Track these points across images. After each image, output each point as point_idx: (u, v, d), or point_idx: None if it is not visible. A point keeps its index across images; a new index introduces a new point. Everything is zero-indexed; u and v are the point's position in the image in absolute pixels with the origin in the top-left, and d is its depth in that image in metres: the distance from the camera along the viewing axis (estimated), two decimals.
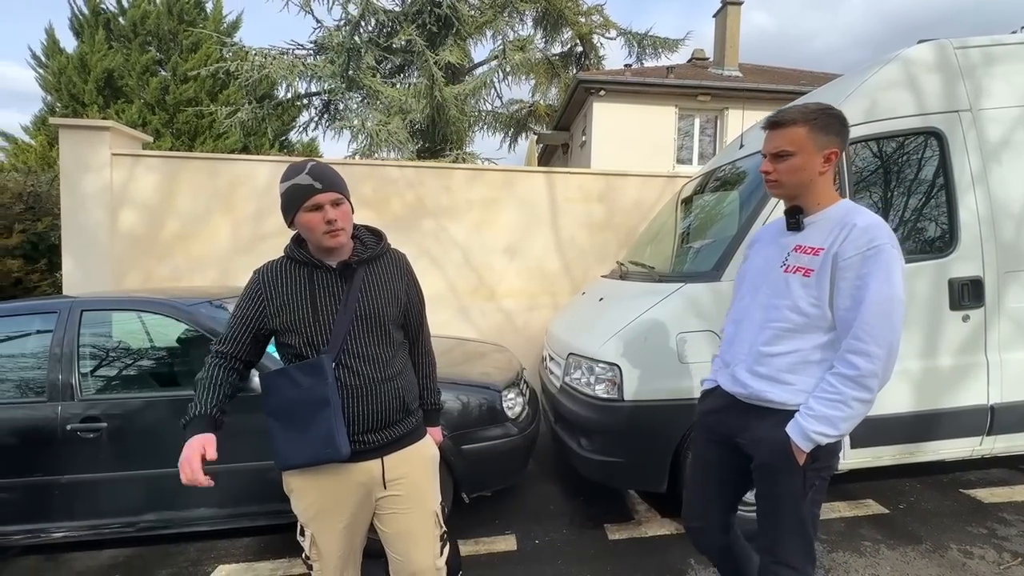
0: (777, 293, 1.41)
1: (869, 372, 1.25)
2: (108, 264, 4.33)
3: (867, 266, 1.26)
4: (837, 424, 1.28)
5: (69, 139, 4.28)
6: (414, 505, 1.49)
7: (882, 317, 1.26)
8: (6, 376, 2.58)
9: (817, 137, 1.34)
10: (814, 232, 1.38)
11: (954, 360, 2.52)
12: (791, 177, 1.37)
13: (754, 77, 10.70)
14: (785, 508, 1.39)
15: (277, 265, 1.42)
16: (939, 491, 2.99)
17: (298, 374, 1.35)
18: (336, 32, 10.46)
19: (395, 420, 1.45)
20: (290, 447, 1.35)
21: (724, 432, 1.54)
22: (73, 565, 2.62)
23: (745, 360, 1.46)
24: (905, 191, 2.58)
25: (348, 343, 1.37)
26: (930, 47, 2.61)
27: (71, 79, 12.52)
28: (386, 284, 1.47)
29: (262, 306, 1.38)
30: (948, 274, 2.50)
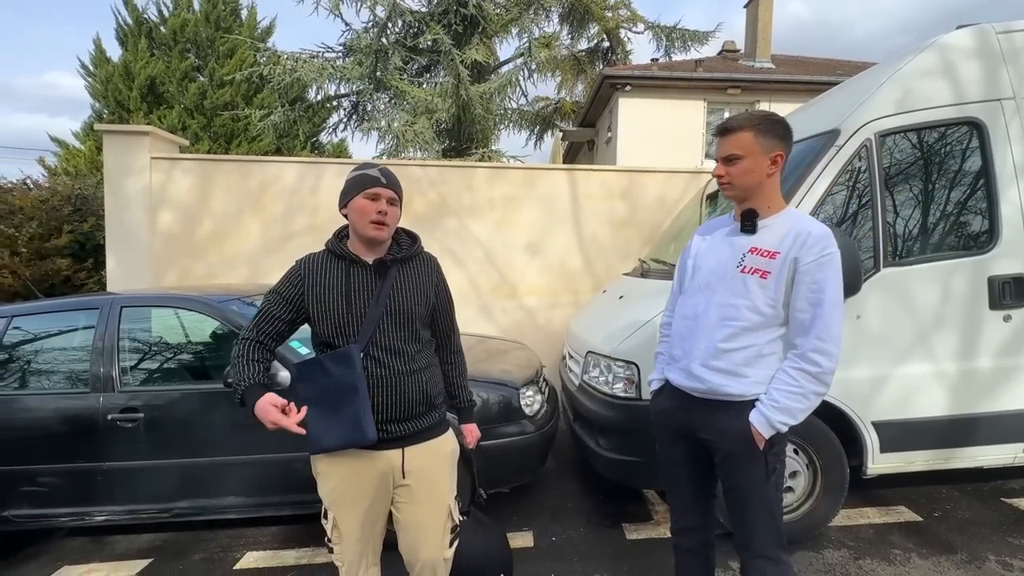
0: (735, 293, 1.47)
1: (829, 369, 1.38)
2: (148, 262, 4.54)
3: (823, 272, 1.37)
4: (796, 415, 1.40)
5: (112, 144, 4.51)
6: (428, 497, 1.54)
7: (837, 319, 1.39)
8: (54, 368, 2.75)
9: (762, 141, 1.44)
10: (768, 235, 1.46)
11: (994, 362, 2.39)
12: (742, 179, 1.45)
13: (787, 68, 10.37)
14: (753, 497, 1.48)
15: (318, 257, 1.52)
16: (978, 500, 2.85)
17: (329, 362, 1.44)
18: (364, 34, 10.66)
19: (418, 413, 1.51)
20: (322, 431, 1.42)
21: (685, 429, 1.59)
22: (115, 547, 2.77)
23: (701, 355, 1.51)
24: (941, 185, 2.46)
25: (377, 336, 1.45)
26: (970, 32, 2.47)
27: (117, 86, 13.15)
28: (416, 283, 1.55)
29: (301, 290, 1.47)
30: (988, 271, 2.37)
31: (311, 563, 2.53)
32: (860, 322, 2.35)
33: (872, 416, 2.39)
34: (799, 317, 1.40)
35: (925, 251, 2.43)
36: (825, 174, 2.39)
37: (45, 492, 2.57)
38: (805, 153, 2.60)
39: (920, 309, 2.38)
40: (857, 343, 2.36)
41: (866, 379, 2.38)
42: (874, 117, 2.41)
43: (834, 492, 2.44)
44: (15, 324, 2.76)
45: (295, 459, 2.53)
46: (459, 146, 10.73)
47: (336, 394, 1.42)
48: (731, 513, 1.54)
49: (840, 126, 2.46)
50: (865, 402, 2.38)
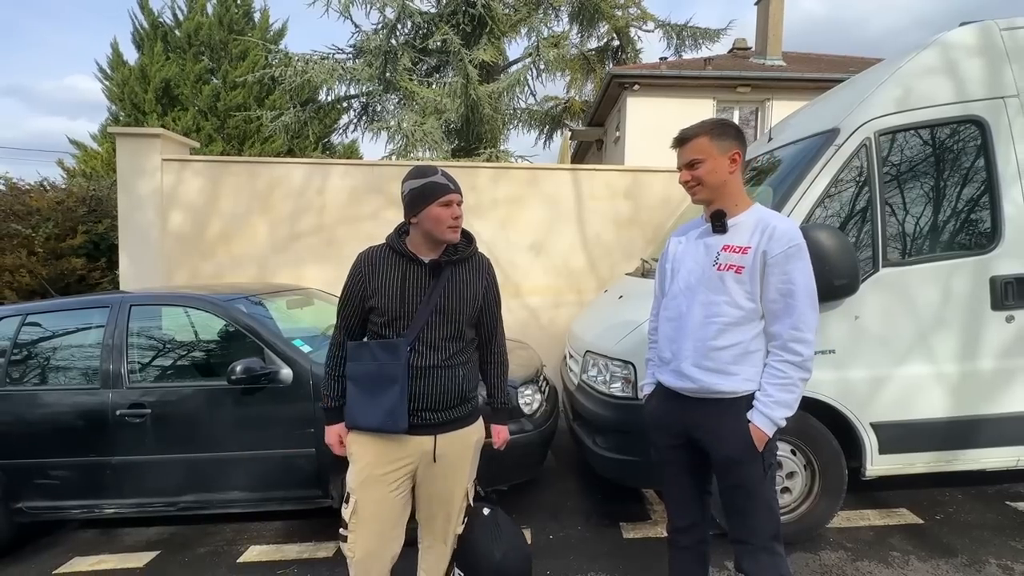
0: (715, 290, 1.53)
1: (808, 356, 1.46)
2: (159, 262, 4.64)
3: (791, 262, 1.45)
4: (791, 404, 1.47)
5: (125, 146, 4.62)
6: (451, 478, 1.65)
7: (811, 308, 1.46)
8: (66, 365, 2.83)
9: (718, 143, 1.53)
10: (738, 233, 1.53)
11: (996, 364, 2.36)
12: (708, 178, 1.53)
13: (798, 66, 10.24)
14: (754, 495, 1.52)
15: (378, 251, 1.62)
16: (982, 503, 2.81)
17: (378, 349, 1.55)
18: (374, 35, 10.75)
19: (452, 405, 1.60)
20: (360, 411, 1.55)
21: (679, 429, 1.63)
22: (124, 539, 2.85)
23: (691, 356, 1.55)
24: (941, 184, 2.43)
25: (424, 332, 1.54)
26: (972, 29, 2.44)
27: (133, 89, 13.40)
28: (467, 285, 1.62)
29: (363, 286, 1.58)
30: (990, 272, 2.34)
31: (313, 557, 2.57)
32: (858, 323, 2.34)
33: (871, 417, 2.37)
34: (772, 308, 1.49)
35: (925, 251, 2.40)
36: (824, 173, 2.38)
37: (57, 485, 2.65)
38: (805, 152, 2.59)
39: (920, 310, 2.36)
40: (855, 344, 2.35)
41: (864, 380, 2.36)
42: (874, 116, 2.39)
43: (832, 493, 2.42)
44: (29, 321, 2.85)
45: (298, 455, 2.59)
46: (468, 146, 10.77)
47: (378, 380, 1.53)
48: (729, 509, 1.58)
49: (840, 125, 2.45)
50: (863, 403, 2.37)
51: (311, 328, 3.21)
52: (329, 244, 4.76)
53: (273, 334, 2.71)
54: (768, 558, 1.53)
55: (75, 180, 6.64)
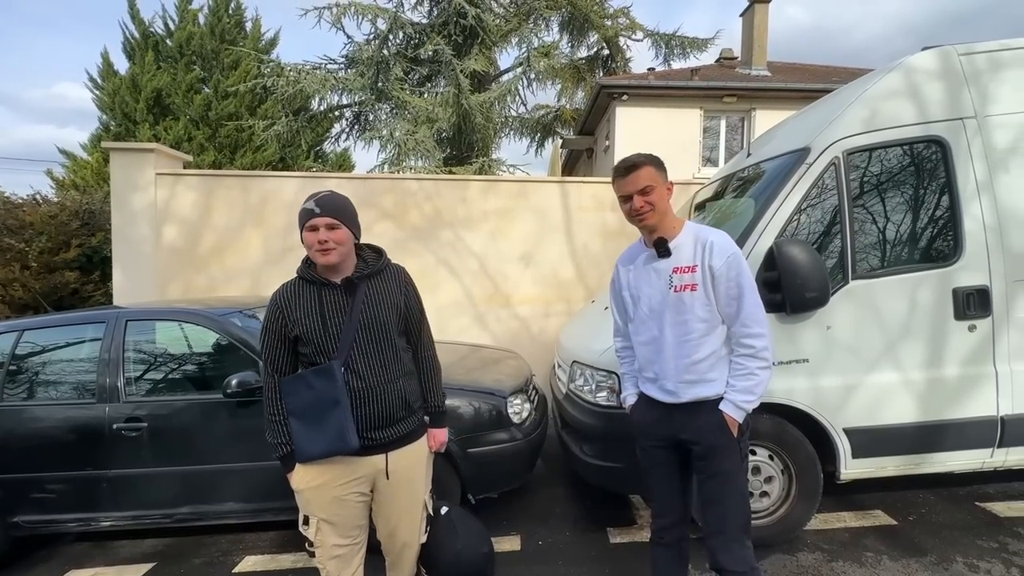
0: (679, 311, 1.69)
1: (762, 347, 1.64)
2: (153, 275, 4.69)
3: (733, 269, 1.63)
4: (753, 390, 1.65)
5: (118, 160, 4.67)
6: (407, 493, 1.71)
7: (756, 305, 1.64)
8: (63, 379, 2.88)
9: (661, 173, 1.69)
10: (681, 254, 1.69)
11: (960, 370, 2.48)
12: (659, 204, 1.67)
13: (783, 76, 10.46)
14: (730, 483, 1.70)
15: (291, 286, 1.64)
16: (954, 503, 2.93)
17: (312, 378, 1.57)
18: (366, 46, 10.86)
19: (399, 418, 1.65)
20: (307, 441, 1.56)
21: (666, 435, 1.78)
22: (119, 551, 2.89)
23: (674, 374, 1.71)
24: (907, 200, 2.55)
25: (354, 350, 1.58)
26: (933, 54, 2.58)
27: (124, 99, 13.38)
28: (386, 296, 1.66)
29: (283, 320, 1.59)
30: (952, 283, 2.46)
31: (307, 566, 2.63)
32: (830, 333, 2.45)
33: (843, 423, 2.48)
34: (726, 312, 1.66)
35: (892, 264, 2.52)
36: (796, 190, 2.50)
37: (53, 499, 2.69)
38: (779, 169, 2.71)
39: (888, 320, 2.47)
40: (827, 353, 2.45)
41: (837, 387, 2.47)
42: (842, 136, 2.51)
43: (808, 497, 2.53)
44: (26, 337, 2.90)
45: None
46: (460, 154, 10.89)
47: (319, 407, 1.55)
48: (706, 500, 1.73)
49: (811, 144, 2.56)
50: (836, 409, 2.47)
51: None
52: None
53: None
54: (740, 550, 1.69)
55: (68, 193, 6.66)
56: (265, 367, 1.64)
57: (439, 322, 4.92)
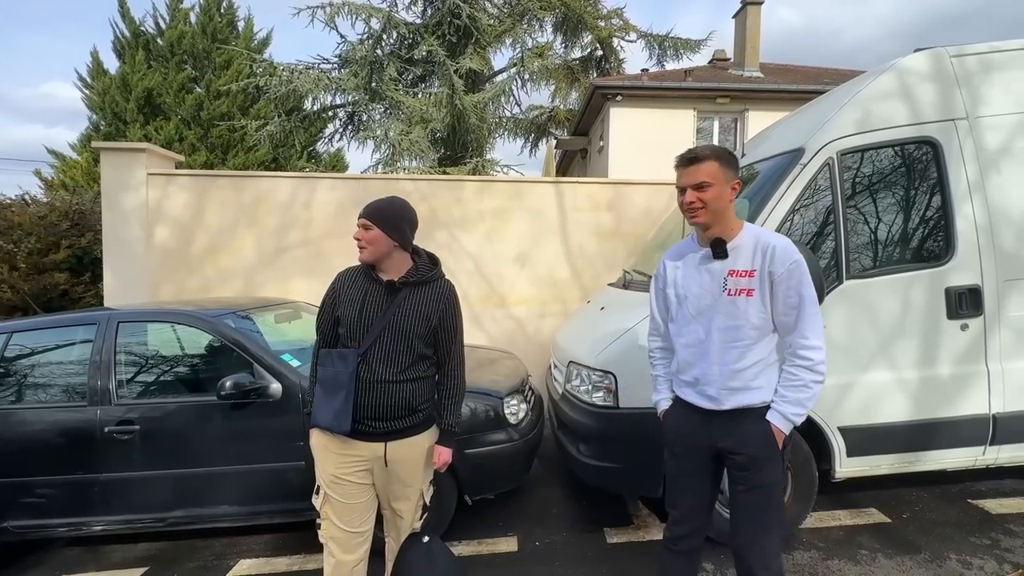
0: (732, 315, 1.61)
1: (819, 359, 1.57)
2: (145, 276, 4.64)
3: (795, 277, 1.55)
4: (804, 403, 1.58)
5: (109, 160, 4.62)
6: (404, 481, 1.80)
7: (816, 315, 1.58)
8: (53, 382, 2.84)
9: (726, 171, 1.59)
10: (739, 256, 1.61)
11: (953, 369, 2.50)
12: (713, 204, 1.59)
13: (775, 77, 10.54)
14: (771, 495, 1.63)
15: (351, 271, 1.82)
16: (946, 501, 2.96)
17: (336, 357, 1.72)
18: (359, 46, 10.82)
19: (399, 416, 1.72)
20: (318, 410, 1.73)
21: (703, 441, 1.70)
22: (111, 556, 2.85)
23: (718, 379, 1.63)
24: (900, 200, 2.58)
25: (376, 345, 1.69)
26: (925, 56, 2.61)
27: (114, 98, 13.25)
28: (422, 306, 1.75)
29: (333, 299, 1.78)
30: (945, 283, 2.49)
31: (303, 569, 2.61)
32: (825, 332, 2.45)
33: (838, 422, 2.50)
34: (783, 320, 1.58)
35: (886, 263, 2.54)
36: (791, 190, 2.51)
37: (44, 503, 2.65)
38: (773, 170, 2.72)
39: (882, 319, 2.49)
40: None
41: (832, 386, 2.47)
42: (836, 136, 2.53)
43: (804, 495, 2.54)
44: (15, 340, 2.86)
45: (287, 469, 2.63)
46: (454, 155, 10.87)
47: (333, 384, 1.70)
48: (744, 511, 1.65)
49: (805, 145, 2.58)
50: (831, 408, 2.49)
51: (300, 342, 3.25)
52: (316, 257, 4.80)
53: (262, 349, 2.75)
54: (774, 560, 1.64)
55: (57, 193, 6.58)
56: (317, 334, 1.86)
57: None
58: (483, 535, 2.81)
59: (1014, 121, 2.55)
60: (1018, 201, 2.53)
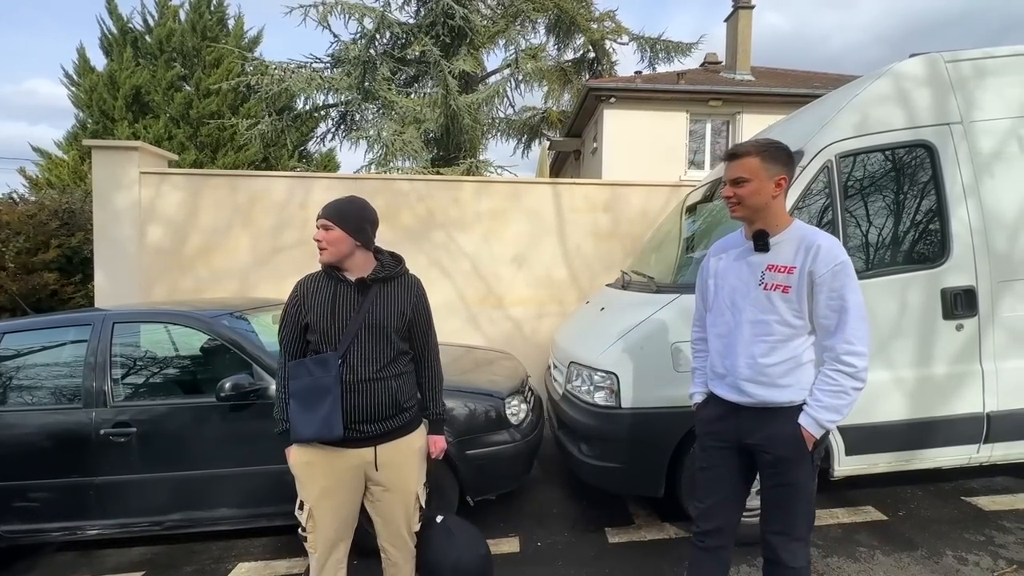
0: (763, 310, 1.59)
1: (862, 367, 1.52)
2: (137, 277, 4.57)
3: (839, 279, 1.50)
4: (841, 410, 1.54)
5: (101, 159, 4.55)
6: (399, 487, 1.78)
7: (862, 320, 1.51)
8: (47, 384, 2.78)
9: (768, 166, 1.57)
10: (781, 251, 1.59)
11: (948, 369, 2.55)
12: (750, 199, 1.58)
13: (766, 80, 10.66)
14: (800, 491, 1.61)
15: (312, 277, 1.76)
16: (940, 499, 3.01)
17: (312, 365, 1.66)
18: (352, 45, 10.76)
19: (387, 415, 1.71)
20: (299, 423, 1.65)
21: (732, 437, 1.71)
22: (105, 561, 2.80)
23: (745, 372, 1.63)
24: (897, 203, 2.62)
25: (354, 345, 1.66)
26: (921, 61, 2.65)
27: (102, 96, 13.06)
28: (395, 301, 1.75)
29: (298, 308, 1.72)
30: (941, 284, 2.53)
31: (303, 572, 2.59)
32: None
33: None
34: (824, 324, 1.54)
35: (884, 265, 2.58)
36: (791, 192, 2.54)
37: (37, 507, 2.60)
38: None
39: (880, 319, 2.53)
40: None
41: None
42: (834, 139, 2.57)
43: None
44: (8, 341, 2.80)
45: (287, 471, 2.58)
46: (447, 155, 10.85)
47: (314, 393, 1.64)
48: (775, 506, 1.65)
49: (804, 147, 2.61)
50: None
51: None
52: (312, 257, 4.68)
53: (261, 350, 2.72)
54: (801, 548, 1.64)
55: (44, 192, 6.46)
56: (281, 349, 1.77)
57: None
58: (485, 536, 2.79)
59: (1007, 126, 2.61)
60: (1011, 204, 2.59)
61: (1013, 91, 2.62)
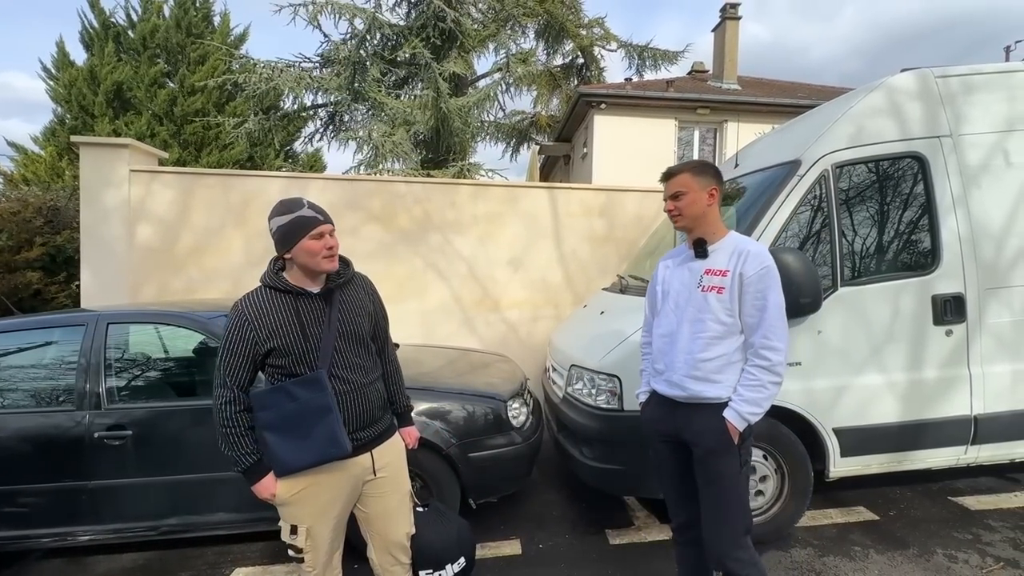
0: (701, 309, 1.74)
1: (778, 362, 1.66)
2: (125, 276, 4.47)
3: (764, 281, 1.66)
4: (760, 403, 1.67)
5: (89, 156, 4.44)
6: (393, 488, 1.77)
7: (780, 319, 1.67)
8: (38, 385, 2.71)
9: (699, 179, 1.77)
10: (718, 257, 1.75)
11: (938, 373, 2.64)
12: (688, 209, 1.77)
13: (752, 90, 10.88)
14: (728, 487, 1.72)
15: (258, 296, 1.56)
16: (928, 499, 3.10)
17: (296, 388, 1.53)
18: (343, 46, 10.69)
19: (378, 417, 1.72)
20: (292, 453, 1.53)
21: (671, 431, 1.83)
22: (95, 568, 2.73)
23: (682, 367, 1.76)
24: (890, 211, 2.71)
25: (336, 357, 1.59)
26: (912, 76, 2.75)
27: (81, 91, 12.74)
28: (358, 303, 1.71)
29: (251, 335, 1.52)
30: (931, 291, 2.63)
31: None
32: (821, 336, 2.57)
33: (833, 423, 2.60)
34: (748, 321, 1.69)
35: (877, 271, 2.67)
36: (789, 200, 2.61)
37: (26, 512, 2.53)
38: (771, 180, 2.82)
39: (873, 324, 2.61)
40: (819, 356, 2.57)
41: (827, 389, 2.59)
42: (831, 150, 2.65)
43: (800, 495, 2.63)
44: None
45: None
46: (436, 157, 10.83)
47: (305, 417, 1.53)
48: (706, 505, 1.76)
49: (801, 157, 2.69)
50: (827, 410, 2.59)
51: None
52: None
53: None
54: (740, 551, 1.71)
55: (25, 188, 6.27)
56: (222, 380, 1.55)
57: (427, 326, 4.88)
58: (485, 538, 2.80)
59: (992, 140, 2.72)
60: (997, 215, 2.69)
61: (999, 107, 2.73)
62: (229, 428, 1.54)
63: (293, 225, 1.53)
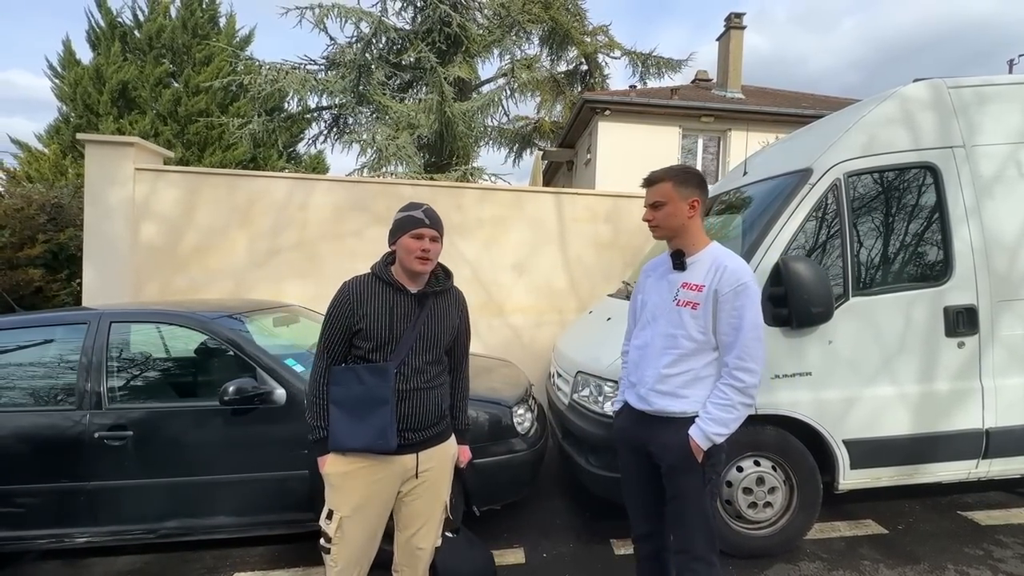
0: (673, 324, 1.70)
1: (751, 384, 1.60)
2: (128, 275, 4.44)
3: (740, 299, 1.60)
4: (728, 424, 1.61)
5: (95, 154, 4.43)
6: (432, 493, 1.76)
7: (756, 340, 1.60)
8: (39, 384, 2.68)
9: (681, 189, 1.69)
10: (695, 271, 1.69)
11: (950, 385, 2.61)
12: (666, 221, 1.70)
13: (756, 99, 10.92)
14: (690, 504, 1.67)
15: (364, 281, 1.70)
16: (937, 513, 3.06)
17: (365, 373, 1.63)
18: (348, 49, 10.72)
19: (432, 423, 1.73)
20: (347, 433, 1.62)
21: (638, 443, 1.80)
22: (91, 570, 2.69)
23: (649, 381, 1.73)
24: (902, 222, 2.69)
25: (409, 356, 1.66)
26: (925, 86, 2.74)
27: (86, 90, 12.77)
28: (446, 315, 1.77)
29: (350, 312, 1.65)
30: (944, 302, 2.60)
31: None
32: (832, 347, 2.54)
33: (843, 435, 2.56)
34: (723, 340, 1.64)
35: (889, 282, 2.64)
36: (800, 209, 2.59)
37: (23, 513, 2.49)
38: (781, 189, 2.80)
39: (885, 335, 2.58)
40: (829, 366, 2.54)
41: (838, 400, 2.55)
42: (843, 159, 2.63)
43: (809, 507, 2.59)
44: None
45: (291, 478, 2.54)
46: (440, 161, 10.84)
47: (366, 402, 1.62)
48: (671, 520, 1.74)
49: (813, 165, 2.67)
50: (837, 421, 2.56)
51: (297, 346, 3.16)
52: (311, 260, 4.69)
53: (264, 353, 2.66)
54: (704, 568, 1.67)
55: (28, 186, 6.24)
56: (321, 351, 1.69)
57: None
58: (490, 547, 2.75)
59: (1006, 151, 2.70)
60: (1010, 226, 2.67)
61: (1012, 118, 2.72)
62: (316, 398, 1.67)
63: (403, 221, 1.67)
